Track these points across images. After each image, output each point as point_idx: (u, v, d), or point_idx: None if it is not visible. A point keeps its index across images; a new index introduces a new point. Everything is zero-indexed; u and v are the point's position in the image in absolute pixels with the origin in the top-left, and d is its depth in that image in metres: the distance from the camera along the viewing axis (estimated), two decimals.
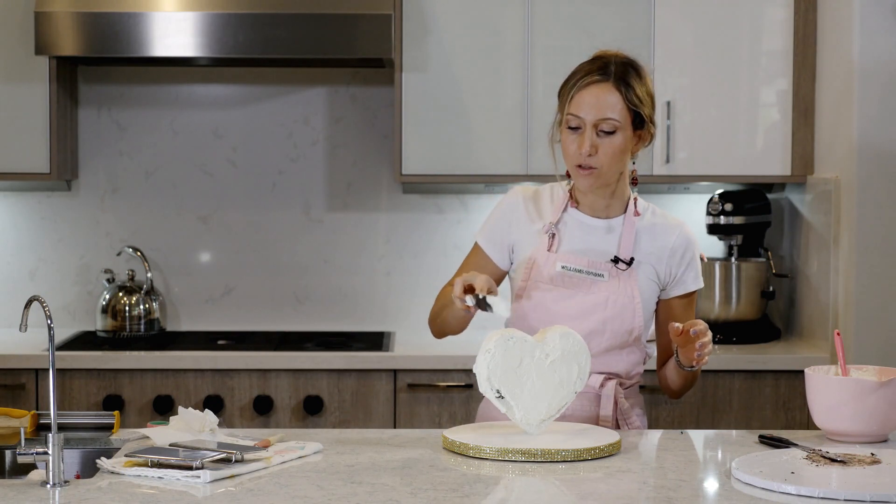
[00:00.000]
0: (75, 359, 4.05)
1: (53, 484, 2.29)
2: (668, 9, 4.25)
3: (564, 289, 2.86)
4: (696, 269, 2.97)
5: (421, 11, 4.25)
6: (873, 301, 3.96)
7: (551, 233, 2.88)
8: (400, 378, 4.07)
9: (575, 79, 2.84)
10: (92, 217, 4.60)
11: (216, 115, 4.60)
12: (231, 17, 4.06)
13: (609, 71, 2.81)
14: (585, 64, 2.86)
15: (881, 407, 2.60)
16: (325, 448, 2.59)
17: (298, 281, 4.62)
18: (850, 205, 3.97)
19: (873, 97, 3.94)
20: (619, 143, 2.81)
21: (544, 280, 2.87)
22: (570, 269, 2.86)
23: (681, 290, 2.95)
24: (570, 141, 2.82)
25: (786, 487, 2.26)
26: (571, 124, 2.81)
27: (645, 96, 2.83)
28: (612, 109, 2.79)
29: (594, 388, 2.87)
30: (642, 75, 2.85)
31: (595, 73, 2.81)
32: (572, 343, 2.63)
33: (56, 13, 4.02)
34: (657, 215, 2.94)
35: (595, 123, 2.79)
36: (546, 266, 2.87)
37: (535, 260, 2.88)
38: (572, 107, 2.81)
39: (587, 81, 2.81)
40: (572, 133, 2.82)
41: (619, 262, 2.86)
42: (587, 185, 2.84)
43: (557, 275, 2.86)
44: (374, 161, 4.61)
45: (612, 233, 2.90)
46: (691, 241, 2.96)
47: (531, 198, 2.95)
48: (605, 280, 2.86)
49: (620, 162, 2.83)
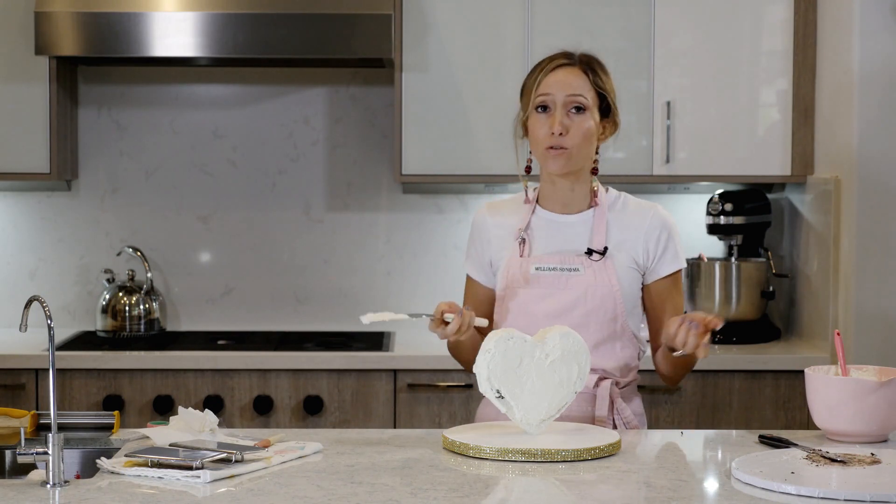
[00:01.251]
0: (75, 359, 4.05)
1: (53, 484, 2.29)
2: (668, 9, 4.25)
3: (541, 289, 2.88)
4: (675, 250, 2.94)
5: (421, 11, 4.25)
6: (873, 301, 3.96)
7: (521, 238, 2.91)
8: (400, 378, 4.07)
9: (541, 65, 2.91)
10: (92, 217, 4.60)
11: (216, 115, 4.60)
12: (231, 17, 4.06)
13: (574, 58, 2.90)
14: (548, 55, 2.94)
15: (881, 407, 2.60)
16: (325, 448, 2.59)
17: (298, 281, 4.62)
18: (850, 205, 3.97)
19: (873, 97, 3.94)
20: (589, 125, 2.87)
21: (520, 284, 2.89)
22: (543, 269, 2.88)
23: (662, 273, 2.94)
24: (541, 123, 2.86)
25: (786, 487, 2.26)
26: (541, 104, 2.86)
27: (609, 86, 2.91)
28: (580, 87, 2.86)
29: (589, 388, 2.87)
30: (605, 69, 2.93)
31: (560, 58, 2.90)
32: (572, 343, 2.63)
33: (56, 13, 4.02)
34: (629, 202, 2.96)
35: (565, 102, 2.85)
36: (521, 270, 2.89)
37: (509, 267, 2.91)
38: (541, 87, 2.86)
39: (555, 65, 2.88)
40: (542, 114, 2.86)
41: (592, 254, 2.88)
42: (558, 166, 2.86)
43: (532, 276, 2.88)
44: (374, 161, 4.61)
45: (582, 226, 2.92)
46: (666, 222, 2.94)
47: (496, 211, 3.00)
48: (582, 273, 2.87)
49: (590, 146, 2.88)
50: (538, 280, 2.88)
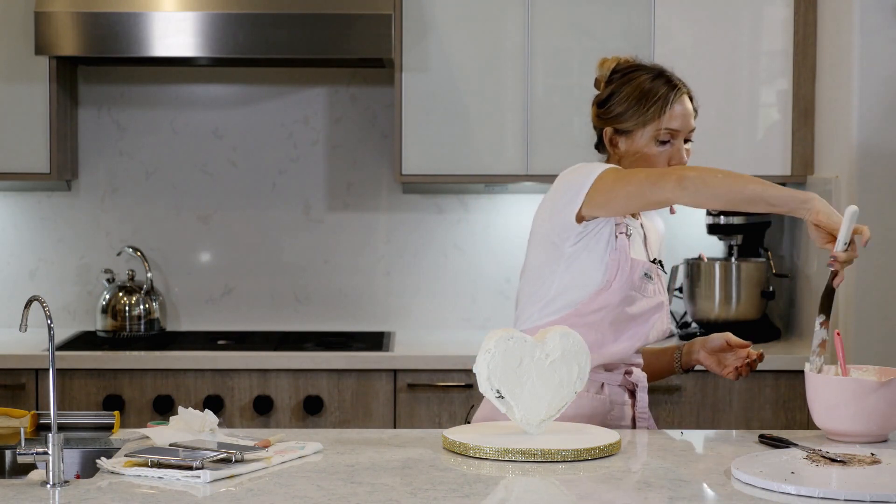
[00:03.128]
0: (75, 359, 4.05)
1: (53, 484, 2.29)
2: (668, 9, 4.25)
3: (642, 293, 2.87)
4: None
5: (421, 11, 4.25)
6: (873, 301, 3.96)
7: (629, 234, 2.88)
8: (400, 378, 4.07)
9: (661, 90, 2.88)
10: (92, 217, 4.60)
11: (216, 115, 4.60)
12: (231, 17, 4.06)
13: (676, 80, 2.92)
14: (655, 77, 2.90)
15: (881, 407, 2.60)
16: (325, 448, 2.59)
17: (298, 281, 4.62)
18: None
19: (873, 97, 3.94)
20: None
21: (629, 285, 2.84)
22: (648, 277, 2.88)
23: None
24: (661, 154, 2.87)
25: (786, 487, 2.26)
26: (663, 138, 2.87)
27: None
28: (693, 119, 2.92)
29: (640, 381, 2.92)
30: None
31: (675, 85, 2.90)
32: (572, 343, 2.63)
33: (56, 13, 4.02)
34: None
35: (686, 135, 2.90)
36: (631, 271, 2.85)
37: (619, 262, 2.85)
38: (666, 121, 2.86)
39: (681, 93, 2.90)
40: (660, 146, 2.87)
41: (655, 262, 2.92)
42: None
43: (640, 281, 2.86)
44: (374, 161, 4.61)
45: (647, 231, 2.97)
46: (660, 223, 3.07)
47: None
48: (655, 282, 2.90)
49: None
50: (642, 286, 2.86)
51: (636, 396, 2.93)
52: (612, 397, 2.89)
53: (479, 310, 4.61)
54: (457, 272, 4.63)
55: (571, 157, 4.24)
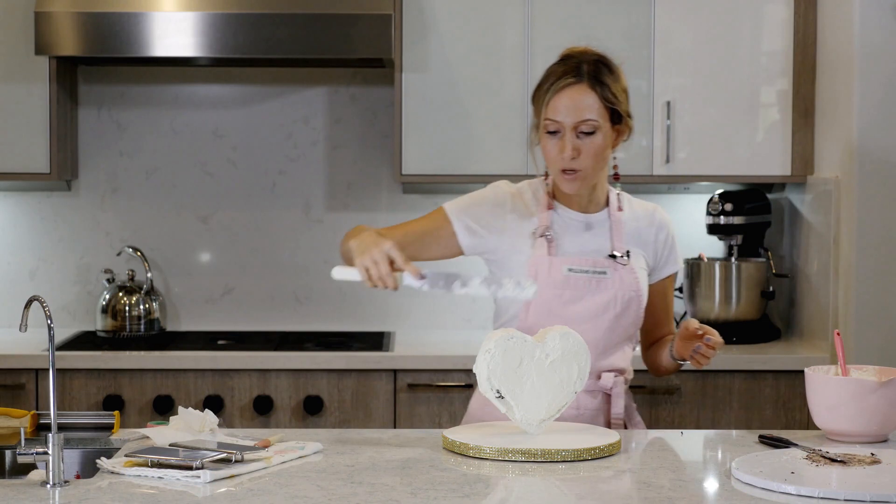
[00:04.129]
0: (75, 359, 4.05)
1: (53, 484, 2.29)
2: (668, 9, 4.25)
3: (572, 291, 2.84)
4: (677, 251, 2.99)
5: (421, 11, 4.25)
6: (873, 301, 3.96)
7: (548, 236, 2.86)
8: (400, 378, 4.07)
9: (549, 83, 2.81)
10: (92, 217, 4.60)
11: (216, 115, 4.60)
12: (231, 17, 4.06)
13: (582, 71, 2.80)
14: (556, 66, 2.84)
15: (881, 407, 2.60)
16: (325, 448, 2.59)
17: (298, 281, 4.62)
18: (850, 205, 3.97)
19: (873, 97, 3.94)
20: (600, 143, 2.80)
21: (550, 285, 2.83)
22: (576, 271, 2.84)
23: (664, 274, 2.97)
24: (551, 146, 2.81)
25: (786, 487, 2.26)
26: (550, 129, 2.80)
27: (620, 92, 2.82)
28: (590, 110, 2.78)
29: (607, 388, 2.86)
30: (615, 71, 2.84)
31: (569, 74, 2.80)
32: (572, 343, 2.63)
33: (56, 13, 4.02)
34: (633, 203, 2.96)
35: (574, 126, 2.78)
36: (551, 270, 2.84)
37: (536, 266, 2.85)
38: (549, 111, 2.79)
39: (562, 85, 2.79)
40: (552, 137, 2.80)
41: (617, 258, 2.87)
42: (573, 188, 2.83)
43: (563, 278, 2.84)
44: (374, 161, 4.61)
45: (600, 228, 2.90)
46: (668, 223, 2.98)
47: (518, 196, 2.92)
48: (609, 277, 2.85)
49: (603, 160, 2.84)
50: (569, 282, 2.84)
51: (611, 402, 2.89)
52: (580, 402, 2.85)
53: (479, 310, 4.61)
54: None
55: None
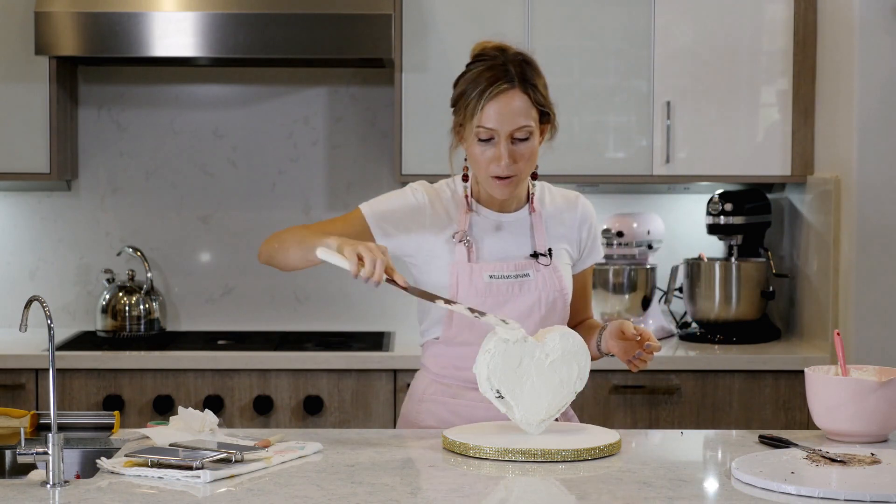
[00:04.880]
0: (75, 359, 4.05)
1: (53, 484, 2.29)
2: (668, 9, 4.25)
3: (495, 297, 2.79)
4: (598, 240, 2.95)
5: (421, 11, 4.25)
6: (873, 301, 3.96)
7: (466, 241, 2.80)
8: (400, 378, 4.07)
9: (478, 88, 2.72)
10: (92, 217, 4.60)
11: (216, 115, 4.60)
12: (231, 17, 4.06)
13: (511, 75, 2.71)
14: (482, 70, 2.73)
15: (881, 407, 2.60)
16: (325, 448, 2.59)
17: (298, 281, 4.62)
18: (850, 205, 3.97)
19: (873, 97, 3.94)
20: (534, 147, 2.74)
21: (472, 293, 2.79)
22: (498, 277, 2.79)
23: (587, 264, 2.94)
24: (483, 153, 2.74)
25: (786, 487, 2.26)
26: (483, 137, 2.72)
27: (544, 90, 2.76)
28: (524, 116, 2.71)
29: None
30: (536, 67, 2.77)
31: (500, 80, 2.70)
32: (572, 343, 2.63)
33: (56, 13, 4.02)
34: (554, 194, 2.90)
35: (509, 134, 2.70)
36: (472, 278, 2.79)
37: (457, 273, 2.79)
38: (483, 119, 2.71)
39: (494, 92, 2.70)
40: (484, 144, 2.73)
41: (539, 257, 2.82)
42: (506, 194, 2.77)
43: (485, 285, 2.79)
44: (374, 161, 4.61)
45: (522, 225, 2.84)
46: (591, 212, 2.91)
47: (436, 198, 2.87)
48: (532, 278, 2.81)
49: (535, 162, 2.79)
50: (491, 289, 2.79)
51: None
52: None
53: None
54: None
55: (571, 157, 4.26)
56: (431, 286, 2.82)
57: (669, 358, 4.10)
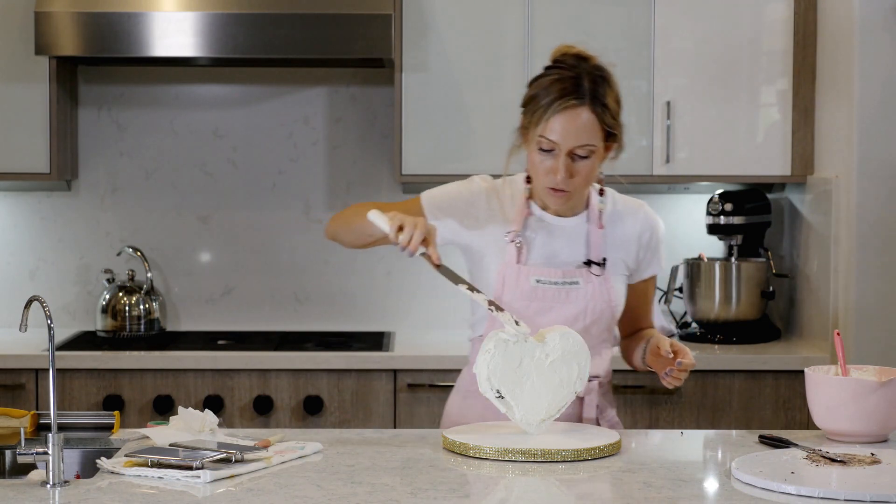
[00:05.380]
0: (75, 359, 4.05)
1: (53, 484, 2.29)
2: (668, 9, 4.25)
3: (541, 301, 2.78)
4: (660, 254, 2.90)
5: (421, 11, 4.25)
6: (873, 301, 3.96)
7: (518, 243, 2.79)
8: (400, 378, 4.07)
9: (548, 98, 2.69)
10: (92, 217, 4.60)
11: (216, 115, 4.60)
12: (231, 17, 4.06)
13: (583, 91, 2.68)
14: (556, 80, 2.70)
15: (881, 407, 2.60)
16: (325, 448, 2.59)
17: (298, 281, 4.62)
18: (850, 205, 3.97)
19: (873, 97, 3.94)
20: (593, 165, 2.72)
21: (518, 296, 2.78)
22: (545, 283, 2.78)
23: (645, 275, 2.90)
24: (542, 162, 2.72)
25: (786, 487, 2.26)
26: (544, 147, 2.70)
27: (616, 109, 2.72)
28: (589, 135, 2.68)
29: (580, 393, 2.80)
30: (611, 84, 2.73)
31: (570, 95, 2.67)
32: (572, 343, 2.63)
33: (56, 13, 4.02)
34: (618, 202, 2.87)
35: (570, 150, 2.68)
36: (519, 280, 2.78)
37: (504, 273, 2.79)
38: (547, 130, 2.68)
39: (562, 106, 2.67)
40: (545, 154, 2.71)
41: (591, 265, 2.80)
42: (558, 205, 2.77)
43: (531, 289, 2.78)
44: (374, 161, 4.61)
45: (578, 231, 2.82)
46: (655, 223, 2.89)
47: (494, 193, 2.85)
48: (581, 287, 2.78)
49: (592, 179, 2.76)
50: (537, 293, 2.78)
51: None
52: None
53: None
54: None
55: None
56: (480, 281, 2.84)
57: None
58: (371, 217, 2.67)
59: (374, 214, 2.67)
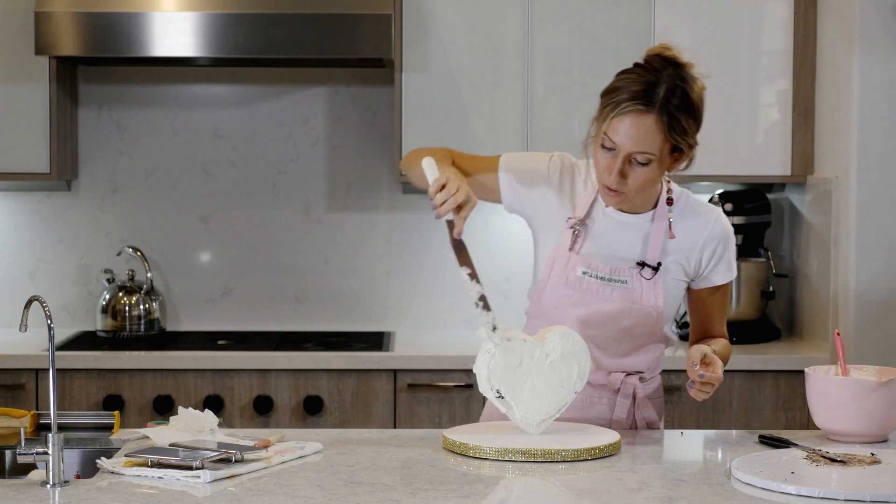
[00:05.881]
0: (75, 359, 4.05)
1: (53, 484, 2.29)
2: (668, 9, 4.25)
3: (584, 293, 2.74)
4: (728, 263, 2.80)
5: (421, 11, 4.25)
6: (873, 301, 3.96)
7: (576, 229, 2.75)
8: (400, 378, 4.07)
9: (619, 97, 2.63)
10: (92, 217, 4.60)
11: (216, 115, 4.60)
12: (231, 17, 4.06)
13: (655, 99, 2.61)
14: (632, 81, 2.64)
15: (881, 407, 2.60)
16: (325, 448, 2.59)
17: (298, 281, 4.62)
18: (850, 205, 3.97)
19: (873, 97, 3.94)
20: (651, 174, 2.65)
21: (563, 282, 2.75)
22: (590, 276, 2.73)
23: (712, 283, 2.81)
24: (601, 159, 2.66)
25: (786, 487, 2.26)
26: (606, 144, 2.64)
27: (688, 123, 2.65)
28: (651, 143, 2.62)
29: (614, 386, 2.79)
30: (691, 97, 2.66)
31: (639, 100, 2.61)
32: (572, 343, 2.63)
33: (56, 13, 4.02)
34: (689, 204, 2.79)
35: (629, 154, 2.62)
36: (567, 267, 2.74)
37: (555, 256, 2.75)
38: (610, 129, 2.62)
39: (629, 109, 2.61)
40: (605, 151, 2.65)
41: (644, 268, 2.74)
42: (611, 204, 2.72)
43: (576, 279, 2.74)
44: (374, 161, 4.61)
45: (640, 230, 2.76)
46: (726, 232, 2.78)
47: (568, 174, 2.80)
48: (629, 287, 2.73)
49: (650, 186, 2.69)
50: (581, 284, 2.73)
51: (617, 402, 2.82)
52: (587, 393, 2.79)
53: None
54: (457, 272, 4.60)
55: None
56: (536, 259, 2.82)
57: (669, 358, 4.09)
58: (423, 164, 2.67)
59: (426, 163, 2.67)
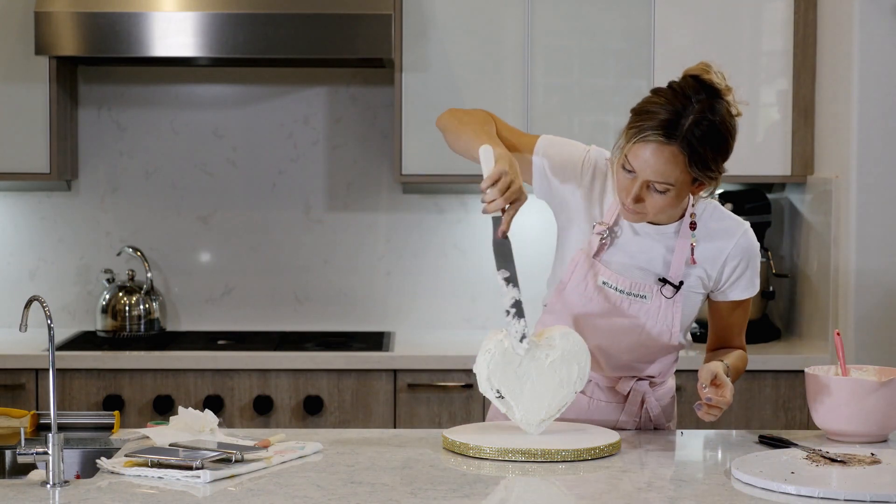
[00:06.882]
0: (75, 359, 4.05)
1: (53, 484, 2.29)
2: (668, 9, 4.25)
3: (602, 303, 2.71)
4: (750, 279, 2.76)
5: (421, 11, 4.25)
6: (873, 301, 3.96)
7: (604, 236, 2.70)
8: (400, 378, 4.08)
9: (642, 122, 2.57)
10: (92, 217, 4.60)
11: (216, 115, 4.60)
12: (231, 17, 4.06)
13: (678, 132, 2.54)
14: (660, 106, 2.58)
15: (881, 407, 2.60)
16: (325, 448, 2.59)
17: (298, 281, 4.62)
18: (850, 205, 3.97)
19: (873, 97, 3.94)
20: (670, 200, 2.59)
21: (583, 288, 2.72)
22: (609, 287, 2.70)
23: (731, 297, 2.79)
24: (622, 179, 2.61)
25: (786, 487, 2.26)
26: (626, 166, 2.58)
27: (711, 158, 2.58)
28: (669, 175, 2.55)
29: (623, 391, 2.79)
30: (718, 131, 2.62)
31: (661, 130, 2.54)
32: (572, 343, 2.63)
33: (56, 13, 4.02)
34: (716, 217, 2.73)
35: (646, 181, 2.57)
36: (588, 274, 2.71)
37: (578, 262, 2.71)
38: (630, 153, 2.56)
39: (650, 138, 2.54)
40: (625, 172, 2.59)
41: (665, 285, 2.70)
42: (631, 220, 2.67)
43: (595, 288, 2.71)
44: (374, 161, 4.61)
45: (663, 243, 2.70)
46: (751, 248, 2.73)
47: (601, 174, 2.74)
48: (647, 302, 2.70)
49: (669, 210, 2.64)
50: (600, 294, 2.70)
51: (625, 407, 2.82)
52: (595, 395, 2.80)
53: (479, 310, 4.61)
54: (457, 272, 4.63)
55: None
56: (559, 252, 2.77)
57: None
58: (481, 152, 2.59)
59: (484, 150, 2.59)
